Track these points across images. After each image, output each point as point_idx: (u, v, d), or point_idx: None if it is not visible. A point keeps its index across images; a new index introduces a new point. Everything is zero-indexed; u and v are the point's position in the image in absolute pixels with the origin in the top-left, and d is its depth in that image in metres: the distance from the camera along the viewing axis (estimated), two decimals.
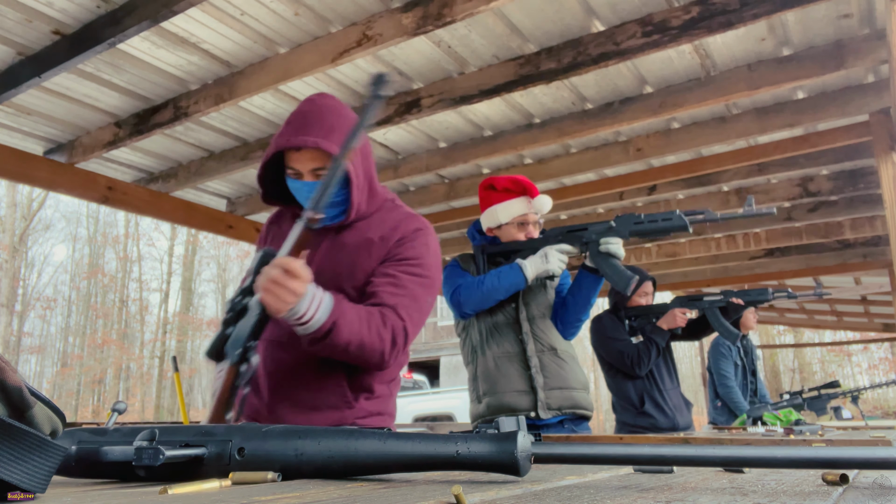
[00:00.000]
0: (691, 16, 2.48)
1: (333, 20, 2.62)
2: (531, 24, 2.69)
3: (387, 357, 1.42)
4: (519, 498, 0.58)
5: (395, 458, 0.70)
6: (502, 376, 2.17)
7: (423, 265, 1.52)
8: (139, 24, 2.37)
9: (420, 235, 1.54)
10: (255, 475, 0.71)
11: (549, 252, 2.13)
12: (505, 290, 2.14)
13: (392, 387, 1.63)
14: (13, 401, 0.59)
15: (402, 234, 1.53)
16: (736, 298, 3.21)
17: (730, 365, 4.32)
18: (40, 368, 27.29)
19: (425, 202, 4.53)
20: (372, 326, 1.38)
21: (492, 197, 2.29)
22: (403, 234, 1.53)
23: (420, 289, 1.49)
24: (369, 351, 1.39)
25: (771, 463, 0.63)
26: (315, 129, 1.43)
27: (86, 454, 0.77)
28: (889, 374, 22.35)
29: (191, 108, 3.09)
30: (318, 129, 1.43)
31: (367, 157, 1.55)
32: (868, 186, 4.22)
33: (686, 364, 23.92)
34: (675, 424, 3.16)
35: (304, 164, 1.46)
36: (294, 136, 1.42)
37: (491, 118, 3.51)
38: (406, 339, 1.44)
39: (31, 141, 3.65)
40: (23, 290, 25.25)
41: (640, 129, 3.67)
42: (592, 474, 0.81)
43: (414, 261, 1.51)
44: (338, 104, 1.53)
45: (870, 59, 2.69)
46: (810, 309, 9.25)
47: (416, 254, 1.52)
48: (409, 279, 1.48)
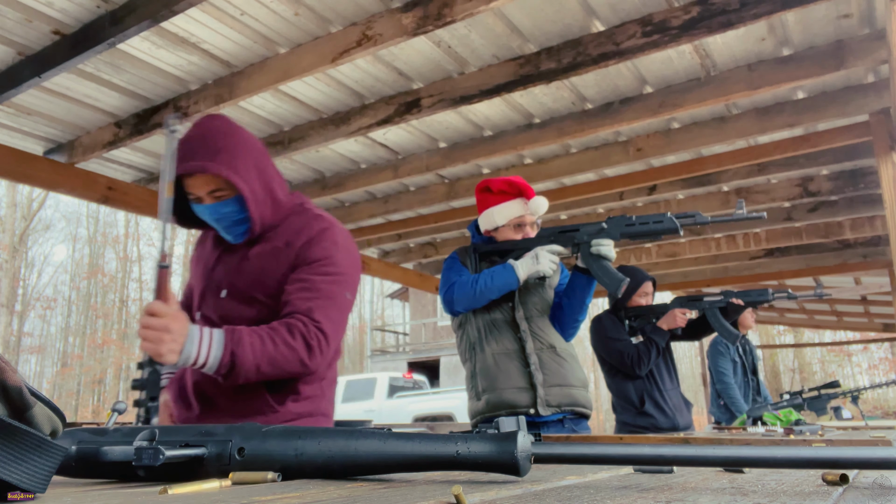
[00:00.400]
0: (691, 16, 2.48)
1: (333, 20, 2.62)
2: (531, 24, 2.69)
3: (307, 362, 1.44)
4: (519, 498, 0.58)
5: (395, 458, 0.70)
6: (502, 373, 2.18)
7: (333, 262, 1.54)
8: (139, 24, 2.37)
9: (327, 235, 1.56)
10: (255, 475, 0.71)
11: (539, 253, 2.13)
12: (498, 290, 2.15)
13: (325, 386, 1.64)
14: (13, 401, 0.59)
15: (308, 237, 1.55)
16: (736, 299, 3.21)
17: (728, 363, 4.32)
18: (40, 368, 27.31)
19: (425, 202, 4.54)
20: (277, 342, 1.41)
21: (488, 199, 2.30)
22: (309, 236, 1.55)
23: (333, 286, 1.52)
24: (284, 364, 1.42)
25: (771, 463, 0.63)
26: (201, 154, 1.46)
27: (86, 454, 0.77)
28: (889, 374, 22.35)
29: (191, 108, 3.09)
30: (204, 152, 1.46)
31: (265, 170, 1.56)
32: (868, 186, 4.22)
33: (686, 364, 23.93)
34: (676, 424, 3.16)
35: (199, 188, 1.49)
36: (181, 163, 1.44)
37: (491, 118, 3.51)
38: (325, 337, 1.46)
39: (31, 141, 3.65)
40: (23, 290, 25.25)
41: (640, 129, 3.67)
42: (592, 474, 0.81)
43: (323, 260, 1.53)
44: (225, 125, 1.54)
45: (870, 59, 2.69)
46: (810, 309, 9.25)
47: (325, 253, 1.54)
48: (321, 279, 1.51)
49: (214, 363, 1.35)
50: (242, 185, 1.47)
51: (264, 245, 1.57)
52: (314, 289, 1.49)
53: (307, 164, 4.14)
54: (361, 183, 4.16)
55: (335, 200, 4.84)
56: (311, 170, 4.23)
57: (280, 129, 3.61)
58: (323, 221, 1.59)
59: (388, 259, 6.32)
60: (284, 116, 3.47)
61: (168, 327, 1.29)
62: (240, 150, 1.50)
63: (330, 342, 1.49)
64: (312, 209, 1.65)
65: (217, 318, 1.58)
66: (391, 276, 6.37)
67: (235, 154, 1.48)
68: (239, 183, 1.46)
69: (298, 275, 1.52)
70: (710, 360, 4.47)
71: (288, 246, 1.54)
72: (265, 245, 1.57)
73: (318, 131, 3.46)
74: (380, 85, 3.15)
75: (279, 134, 3.62)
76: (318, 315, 1.47)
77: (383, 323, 28.71)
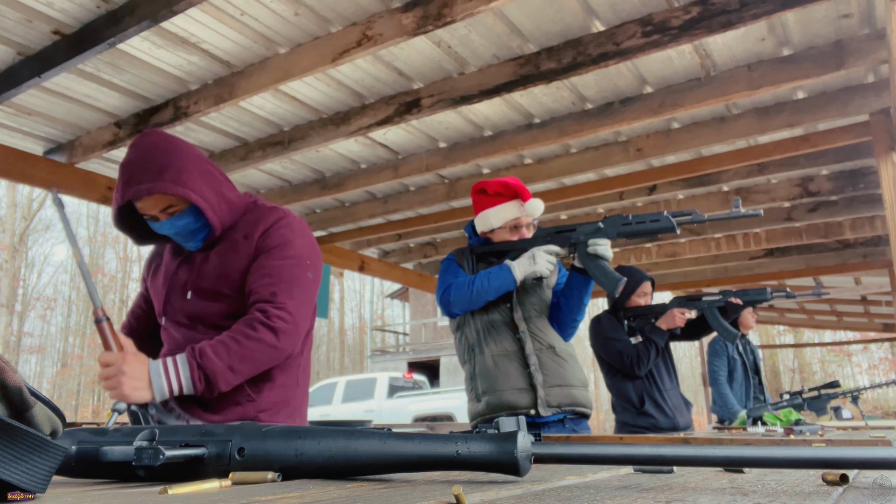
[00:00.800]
0: (691, 16, 2.48)
1: (333, 20, 2.62)
2: (531, 24, 2.69)
3: (278, 345, 1.49)
4: (519, 498, 0.58)
5: (395, 458, 0.70)
6: (501, 374, 2.17)
7: (290, 245, 1.59)
8: (139, 24, 2.37)
9: (282, 223, 1.62)
10: (255, 475, 0.71)
11: (536, 254, 2.13)
12: (495, 291, 2.15)
13: (299, 375, 1.67)
14: (13, 401, 0.59)
15: (265, 227, 1.60)
16: (735, 298, 3.21)
17: (723, 363, 4.32)
18: (40, 368, 27.31)
19: (425, 202, 4.53)
20: (240, 339, 1.45)
21: (483, 201, 2.30)
22: (265, 227, 1.60)
23: (295, 269, 1.57)
24: (257, 355, 1.47)
25: (771, 463, 0.63)
26: (147, 175, 1.48)
27: (86, 454, 0.77)
28: (889, 374, 22.35)
29: (191, 108, 3.09)
30: (149, 173, 1.48)
31: (211, 176, 1.59)
32: (868, 186, 4.22)
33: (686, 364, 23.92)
34: (676, 424, 3.16)
35: (152, 208, 1.53)
36: (128, 188, 1.48)
37: (491, 118, 3.51)
38: (291, 316, 1.51)
39: (31, 141, 3.65)
40: (23, 290, 25.25)
41: (640, 129, 3.67)
42: (592, 474, 0.81)
43: (282, 246, 1.58)
44: (162, 140, 1.56)
45: (870, 59, 2.69)
46: (810, 309, 9.25)
47: (283, 240, 1.59)
48: (280, 264, 1.56)
49: (188, 383, 1.40)
50: (195, 197, 1.50)
51: (223, 244, 1.62)
52: (275, 273, 1.54)
53: (307, 164, 4.14)
54: (361, 183, 4.16)
55: (335, 200, 4.84)
56: (311, 170, 4.23)
57: (280, 129, 3.61)
58: (277, 212, 1.65)
59: (388, 259, 6.32)
60: (284, 116, 3.47)
61: (121, 370, 1.35)
62: (182, 162, 1.52)
63: (298, 320, 1.53)
64: (265, 204, 1.70)
65: (185, 319, 1.61)
66: (391, 276, 6.37)
67: (180, 168, 1.51)
68: (191, 196, 1.49)
69: (259, 262, 1.57)
70: (707, 358, 4.48)
71: (246, 238, 1.59)
72: (224, 244, 1.62)
73: (318, 131, 3.46)
74: (380, 85, 3.15)
75: (279, 134, 3.62)
76: (282, 297, 1.51)
77: (383, 323, 28.71)
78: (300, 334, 1.56)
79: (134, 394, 1.35)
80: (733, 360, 4.38)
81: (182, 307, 1.61)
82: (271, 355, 1.49)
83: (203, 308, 1.59)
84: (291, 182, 4.38)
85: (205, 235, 1.60)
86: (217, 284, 1.58)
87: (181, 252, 1.68)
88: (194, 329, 1.59)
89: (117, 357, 1.37)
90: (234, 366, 1.43)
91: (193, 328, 1.60)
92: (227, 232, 1.63)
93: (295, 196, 4.36)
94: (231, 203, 1.62)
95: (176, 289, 1.63)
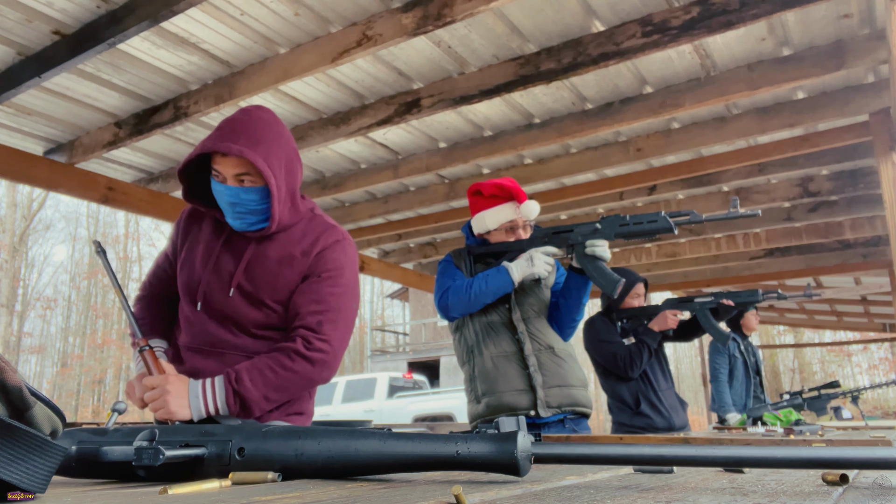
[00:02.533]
0: (691, 16, 2.48)
1: (333, 20, 2.62)
2: (531, 24, 2.69)
3: (315, 378, 1.52)
4: (519, 498, 0.58)
5: (395, 458, 0.70)
6: (501, 376, 2.17)
7: (343, 273, 1.61)
8: (139, 24, 2.37)
9: (338, 247, 1.62)
10: (255, 475, 0.71)
11: (534, 255, 2.13)
12: (493, 294, 2.15)
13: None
14: (13, 401, 0.59)
15: (323, 246, 1.60)
16: (727, 300, 3.22)
17: (724, 361, 4.32)
18: (40, 368, 27.31)
19: (425, 202, 4.54)
20: (277, 370, 1.47)
21: (479, 203, 2.29)
22: (324, 246, 1.60)
23: (342, 298, 1.59)
24: (291, 386, 1.50)
25: (771, 463, 0.63)
26: (243, 139, 1.49)
27: (86, 454, 0.77)
28: (889, 374, 22.35)
29: (191, 108, 3.09)
30: (246, 138, 1.49)
31: (293, 173, 1.60)
32: (868, 186, 4.22)
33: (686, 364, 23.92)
34: (672, 424, 3.16)
35: (228, 169, 1.51)
36: (220, 141, 1.48)
37: (491, 118, 3.51)
38: (332, 349, 1.54)
39: (31, 141, 3.65)
40: (23, 290, 25.25)
41: (640, 129, 3.67)
42: (592, 474, 0.81)
43: (334, 272, 1.59)
44: (272, 118, 1.58)
45: (870, 59, 2.69)
46: (810, 309, 9.25)
47: (336, 264, 1.60)
48: (330, 291, 1.57)
49: (223, 406, 1.45)
50: (272, 182, 1.49)
51: (278, 248, 1.59)
52: (323, 301, 1.55)
53: (307, 164, 4.14)
54: (361, 183, 4.16)
55: (335, 200, 4.84)
56: (311, 170, 4.23)
57: None
58: (336, 233, 1.64)
59: (388, 259, 6.32)
60: (284, 116, 3.47)
61: (166, 389, 1.40)
62: (278, 146, 1.54)
63: (338, 352, 1.55)
64: (324, 217, 1.69)
65: (221, 317, 1.57)
66: (391, 276, 6.37)
67: (274, 150, 1.52)
68: (269, 179, 1.49)
69: (309, 286, 1.57)
70: (709, 356, 4.48)
71: (304, 255, 1.59)
72: (279, 249, 1.59)
73: (318, 131, 3.46)
74: (380, 85, 3.15)
75: None
76: (327, 327, 1.53)
77: (383, 323, 28.72)
78: (338, 365, 1.59)
79: (179, 411, 1.42)
80: (734, 359, 4.38)
81: (222, 302, 1.57)
82: (306, 385, 1.53)
83: (241, 310, 1.57)
84: None
85: (256, 221, 1.58)
86: (263, 292, 1.57)
87: (223, 230, 1.63)
88: (227, 329, 1.58)
89: (161, 379, 1.42)
90: (269, 395, 1.47)
91: (226, 328, 1.58)
92: (281, 235, 1.60)
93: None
94: (296, 206, 1.62)
95: (218, 278, 1.59)
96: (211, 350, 1.56)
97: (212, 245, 1.63)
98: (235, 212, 1.54)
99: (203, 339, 1.57)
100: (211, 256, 1.61)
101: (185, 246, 1.67)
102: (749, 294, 3.33)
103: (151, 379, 1.44)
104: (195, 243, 1.65)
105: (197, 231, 1.68)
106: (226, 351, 1.56)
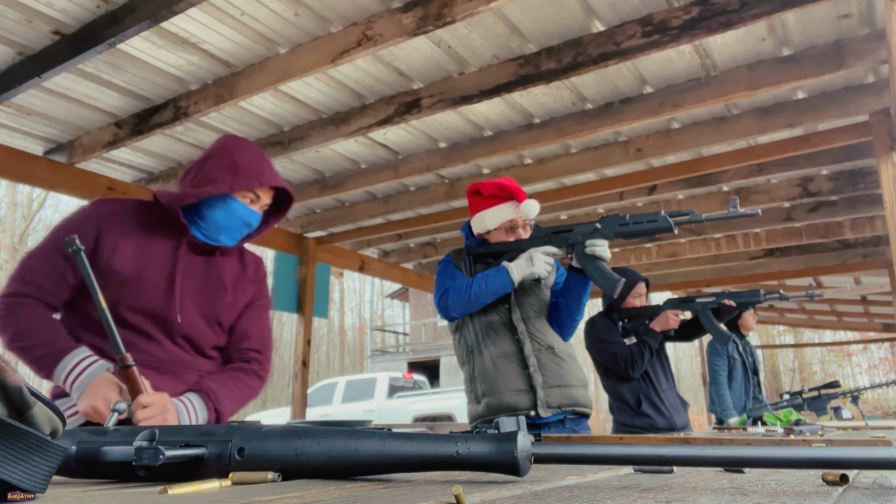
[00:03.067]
0: (691, 16, 2.48)
1: (333, 20, 2.62)
2: (531, 24, 2.69)
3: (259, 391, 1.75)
4: (519, 498, 0.58)
5: (395, 458, 0.70)
6: (501, 376, 2.17)
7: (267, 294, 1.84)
8: (139, 24, 2.37)
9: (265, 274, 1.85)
10: (255, 475, 0.71)
11: (534, 255, 2.13)
12: (493, 294, 2.15)
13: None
14: (13, 401, 0.59)
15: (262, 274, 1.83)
16: (728, 300, 3.23)
17: (723, 362, 4.33)
18: None
19: (425, 202, 4.53)
20: (242, 387, 1.67)
21: (479, 203, 2.29)
22: (262, 276, 1.82)
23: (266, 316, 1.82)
24: (247, 401, 1.71)
25: (771, 463, 0.63)
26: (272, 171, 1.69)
27: (86, 454, 0.77)
28: (889, 374, 22.35)
29: (191, 109, 3.09)
30: (272, 170, 1.69)
31: None
32: (868, 186, 4.22)
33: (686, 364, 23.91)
34: (673, 424, 3.16)
35: (266, 198, 1.69)
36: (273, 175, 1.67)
37: (491, 118, 3.51)
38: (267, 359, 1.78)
39: (31, 141, 3.65)
40: None
41: (640, 129, 3.67)
42: (592, 474, 0.81)
43: (266, 300, 1.82)
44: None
45: (870, 59, 2.69)
46: (810, 309, 9.24)
47: (267, 292, 1.84)
48: (264, 315, 1.81)
49: (204, 421, 1.56)
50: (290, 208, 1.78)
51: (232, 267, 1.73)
52: (265, 328, 1.79)
53: (307, 164, 4.14)
54: (361, 183, 4.16)
55: (335, 200, 4.84)
56: (311, 170, 4.23)
57: (280, 129, 3.61)
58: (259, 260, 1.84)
59: (388, 259, 6.32)
60: (284, 116, 3.47)
61: (165, 407, 1.45)
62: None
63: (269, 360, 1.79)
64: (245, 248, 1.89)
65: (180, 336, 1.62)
66: (391, 276, 6.37)
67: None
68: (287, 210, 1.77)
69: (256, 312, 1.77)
70: (707, 357, 4.49)
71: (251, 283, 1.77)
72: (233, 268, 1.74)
73: (318, 131, 3.46)
74: (380, 85, 3.15)
75: (279, 134, 3.62)
76: (268, 352, 1.78)
77: (383, 323, 28.72)
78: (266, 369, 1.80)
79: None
80: (733, 360, 4.38)
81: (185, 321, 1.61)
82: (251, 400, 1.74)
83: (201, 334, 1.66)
84: (291, 182, 4.38)
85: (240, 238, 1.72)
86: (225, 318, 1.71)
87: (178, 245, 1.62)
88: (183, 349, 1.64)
89: (154, 398, 1.44)
90: (235, 410, 1.64)
91: (183, 347, 1.64)
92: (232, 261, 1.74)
93: (295, 196, 4.36)
94: None
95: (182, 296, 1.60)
96: (166, 368, 1.58)
97: (164, 257, 1.60)
98: (240, 231, 1.68)
99: (160, 358, 1.59)
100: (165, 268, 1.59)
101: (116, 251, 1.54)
102: (751, 294, 3.33)
103: (146, 397, 1.41)
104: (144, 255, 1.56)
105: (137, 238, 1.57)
106: (182, 370, 1.61)
